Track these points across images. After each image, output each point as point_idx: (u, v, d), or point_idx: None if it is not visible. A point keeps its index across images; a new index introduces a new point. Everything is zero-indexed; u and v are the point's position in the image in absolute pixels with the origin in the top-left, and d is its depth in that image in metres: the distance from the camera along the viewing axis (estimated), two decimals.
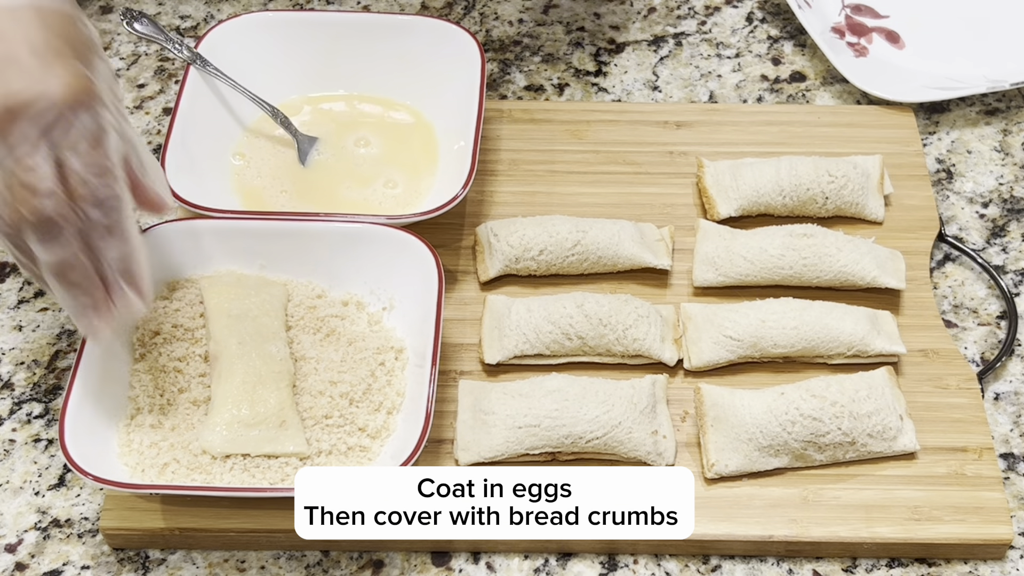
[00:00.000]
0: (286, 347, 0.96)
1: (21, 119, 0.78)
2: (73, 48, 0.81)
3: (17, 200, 0.80)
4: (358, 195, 1.10)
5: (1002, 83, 1.19)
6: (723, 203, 1.09)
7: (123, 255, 0.85)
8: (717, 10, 1.31)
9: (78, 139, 0.80)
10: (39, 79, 0.79)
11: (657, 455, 0.94)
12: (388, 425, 0.94)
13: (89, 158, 0.81)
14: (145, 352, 0.97)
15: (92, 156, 0.81)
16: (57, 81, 0.79)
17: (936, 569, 0.93)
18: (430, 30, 1.15)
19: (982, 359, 1.04)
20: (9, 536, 0.94)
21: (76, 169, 0.81)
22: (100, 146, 0.81)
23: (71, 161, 0.80)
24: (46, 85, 0.79)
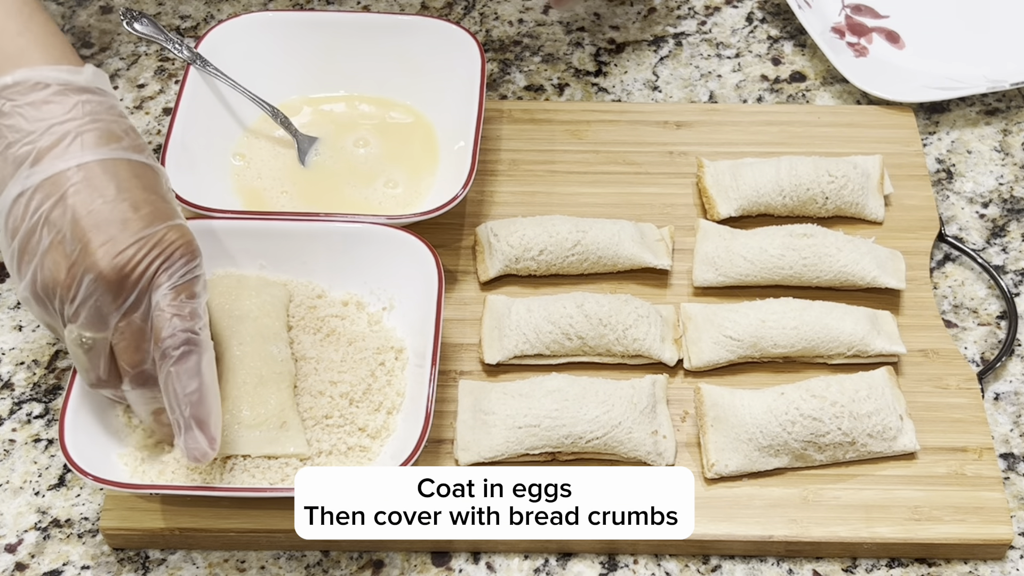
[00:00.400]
0: (287, 348, 0.96)
1: (135, 283, 0.80)
2: (167, 202, 0.83)
3: (123, 358, 0.82)
4: (358, 195, 1.10)
5: (1002, 83, 1.19)
6: (723, 203, 1.09)
7: (196, 398, 0.84)
8: (717, 10, 1.31)
9: (180, 287, 0.82)
10: (150, 243, 0.80)
11: (657, 455, 0.94)
12: (388, 425, 0.94)
13: (181, 306, 0.82)
14: None
15: (185, 305, 0.82)
16: (168, 240, 0.81)
17: (936, 569, 0.93)
18: (430, 30, 1.15)
19: (982, 359, 1.04)
20: (9, 536, 0.94)
21: (166, 312, 0.81)
22: (195, 296, 0.83)
23: (163, 302, 0.81)
24: (156, 245, 0.80)
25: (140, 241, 0.79)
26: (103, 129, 0.80)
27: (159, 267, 0.80)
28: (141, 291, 0.80)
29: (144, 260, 0.80)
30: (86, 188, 0.78)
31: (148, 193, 0.81)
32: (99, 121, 0.81)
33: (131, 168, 0.81)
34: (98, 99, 0.82)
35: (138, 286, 0.80)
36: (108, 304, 0.80)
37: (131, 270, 0.79)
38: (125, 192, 0.80)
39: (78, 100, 0.80)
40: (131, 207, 0.79)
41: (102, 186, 0.79)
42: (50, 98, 0.80)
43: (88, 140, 0.79)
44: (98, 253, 0.78)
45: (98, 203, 0.78)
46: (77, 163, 0.79)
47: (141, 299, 0.80)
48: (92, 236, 0.78)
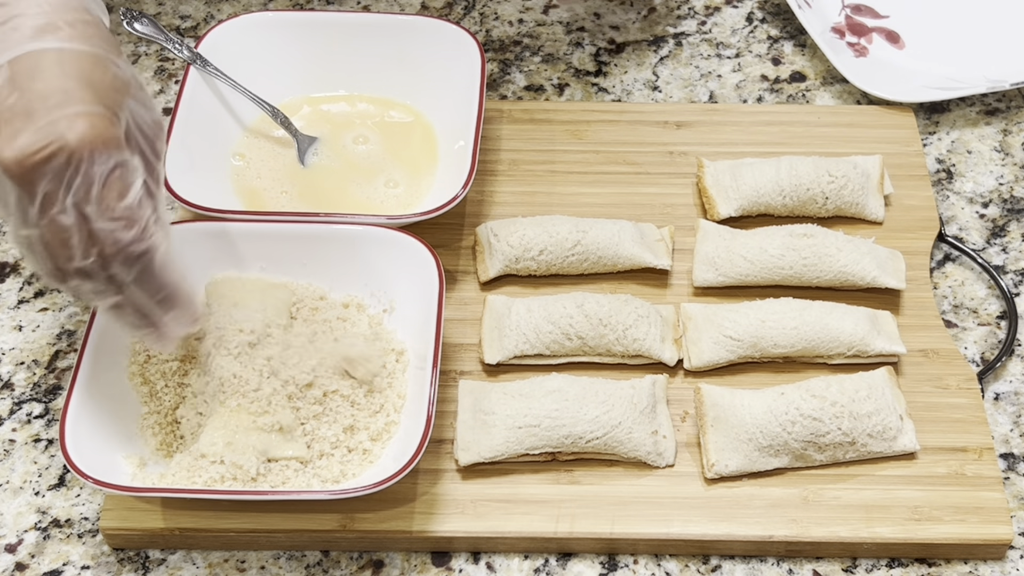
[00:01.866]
0: None
1: (39, 175, 0.76)
2: (96, 92, 0.78)
3: (54, 256, 0.79)
4: (359, 195, 1.10)
5: (1002, 83, 1.19)
6: (723, 203, 1.09)
7: (160, 298, 0.84)
8: (717, 10, 1.31)
9: (99, 189, 0.77)
10: (50, 130, 0.76)
11: (657, 455, 0.94)
12: (389, 428, 0.94)
13: (111, 210, 0.78)
14: (147, 353, 0.97)
15: (114, 207, 0.78)
16: (69, 128, 0.76)
17: (936, 569, 0.93)
18: (430, 30, 1.15)
19: (982, 359, 1.04)
20: (9, 536, 0.94)
21: (98, 223, 0.78)
22: (121, 194, 0.78)
23: (92, 213, 0.78)
24: (57, 133, 0.76)
25: (39, 131, 0.76)
26: (41, 23, 0.79)
27: (66, 157, 0.76)
28: (50, 183, 0.76)
29: (44, 149, 0.76)
30: (7, 83, 0.77)
31: (68, 81, 0.77)
32: (40, 15, 0.79)
33: (60, 57, 0.78)
34: None
35: (44, 178, 0.76)
36: (23, 198, 0.77)
37: (31, 160, 0.76)
38: (41, 82, 0.77)
39: None
40: (40, 97, 0.77)
41: (22, 79, 0.77)
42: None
43: (22, 34, 0.78)
44: (1, 144, 0.76)
45: (14, 97, 0.77)
46: (7, 59, 0.78)
47: (53, 193, 0.77)
48: (1, 129, 0.76)
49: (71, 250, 0.78)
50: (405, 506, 0.92)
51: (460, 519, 0.92)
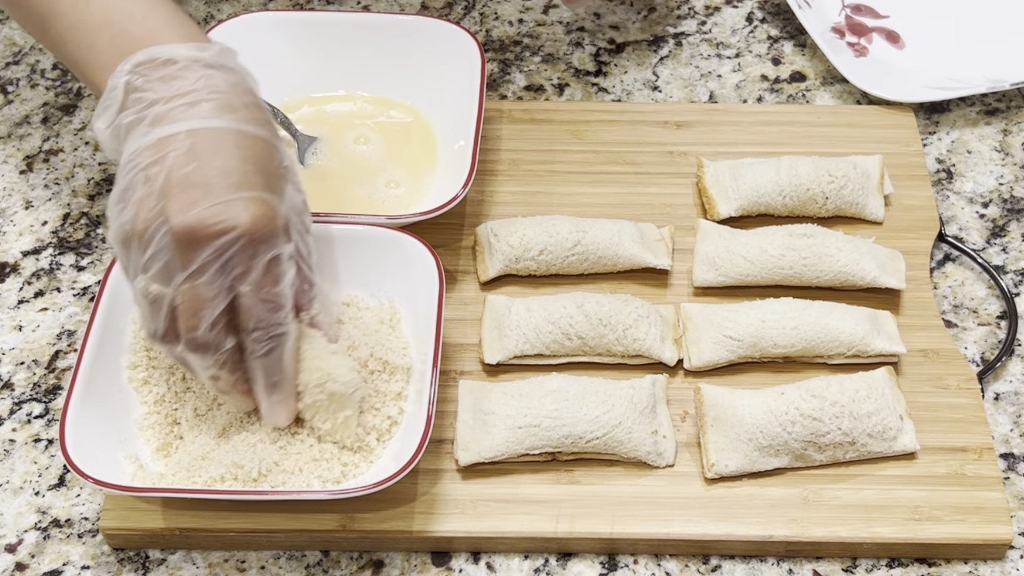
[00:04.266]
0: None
1: (203, 246, 0.80)
2: (266, 177, 0.83)
3: (181, 319, 0.83)
4: (359, 195, 1.10)
5: (1002, 83, 1.19)
6: (723, 203, 1.09)
7: (274, 380, 0.88)
8: (717, 10, 1.31)
9: (256, 271, 0.82)
10: (227, 209, 0.80)
11: (657, 455, 0.94)
12: (390, 427, 0.94)
13: (264, 292, 0.83)
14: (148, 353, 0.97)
15: (268, 292, 0.84)
16: (245, 213, 0.81)
17: (936, 569, 0.93)
18: (430, 30, 1.15)
19: (982, 359, 1.04)
20: (9, 536, 0.94)
21: (249, 300, 0.83)
22: (278, 282, 0.84)
23: (245, 292, 0.83)
24: (233, 216, 0.80)
25: (218, 206, 0.80)
26: (221, 101, 0.83)
27: (234, 239, 0.81)
28: (210, 257, 0.81)
29: (216, 226, 0.80)
30: (187, 152, 0.81)
31: (245, 163, 0.82)
32: (219, 93, 0.83)
33: (239, 139, 0.83)
34: (222, 74, 0.85)
35: (206, 249, 0.81)
36: (174, 261, 0.81)
37: (201, 231, 0.80)
38: (221, 159, 0.81)
39: (203, 74, 0.84)
40: (221, 174, 0.81)
41: (202, 151, 0.81)
42: (177, 73, 0.83)
43: (204, 109, 0.82)
44: (174, 210, 0.80)
45: (192, 166, 0.81)
46: (187, 128, 0.82)
47: (208, 266, 0.81)
48: (175, 193, 0.80)
49: (200, 321, 0.82)
50: (405, 506, 0.92)
51: (460, 519, 0.92)
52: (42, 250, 1.11)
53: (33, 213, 1.13)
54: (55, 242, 1.11)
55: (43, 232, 1.12)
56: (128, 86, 0.83)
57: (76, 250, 1.10)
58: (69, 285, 1.08)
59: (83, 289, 1.08)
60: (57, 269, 1.09)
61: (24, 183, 1.15)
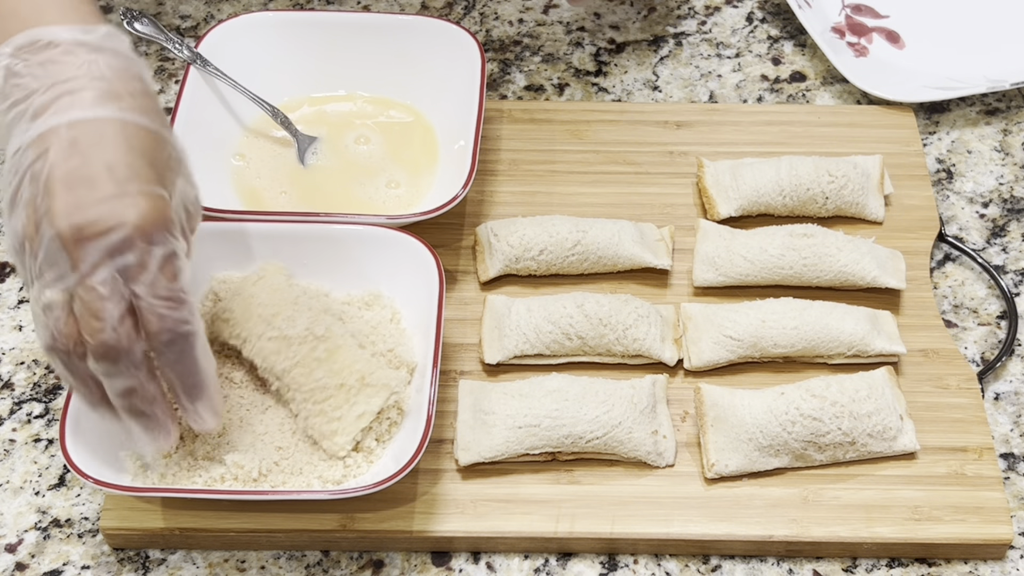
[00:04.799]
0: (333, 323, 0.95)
1: (92, 244, 0.76)
2: (155, 169, 0.79)
3: (82, 326, 0.78)
4: (359, 195, 1.10)
5: (1002, 83, 1.19)
6: (723, 203, 1.09)
7: (192, 383, 0.83)
8: (717, 10, 1.31)
9: (151, 269, 0.78)
10: (114, 204, 0.76)
11: (657, 455, 0.94)
12: (389, 428, 0.94)
13: (162, 289, 0.79)
14: None
15: (165, 287, 0.79)
16: (133, 208, 0.77)
17: (936, 569, 0.93)
18: (430, 30, 1.15)
19: (982, 359, 1.04)
20: (9, 536, 0.94)
21: (148, 300, 0.78)
22: (175, 277, 0.79)
23: (143, 292, 0.78)
24: (121, 211, 0.76)
25: (104, 203, 0.76)
26: (104, 88, 0.79)
27: (125, 237, 0.77)
28: (101, 256, 0.77)
29: (104, 224, 0.76)
30: (69, 146, 0.77)
31: (132, 156, 0.78)
32: (102, 80, 0.79)
33: (123, 129, 0.78)
34: (107, 59, 0.80)
35: (96, 249, 0.76)
36: (65, 265, 0.77)
37: (90, 233, 0.76)
38: (106, 152, 0.77)
39: (87, 59, 0.79)
40: (106, 168, 0.77)
41: (85, 145, 0.77)
42: (58, 57, 0.79)
43: (85, 98, 0.78)
44: (60, 211, 0.76)
45: (75, 162, 0.76)
46: (68, 120, 0.77)
47: (100, 265, 0.77)
48: (59, 193, 0.76)
49: (103, 321, 0.77)
50: (405, 506, 0.92)
51: (460, 519, 0.92)
52: None
53: None
54: None
55: None
56: (8, 71, 0.78)
57: None
58: None
59: None
60: None
61: None
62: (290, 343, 0.92)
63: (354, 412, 0.91)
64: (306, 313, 0.93)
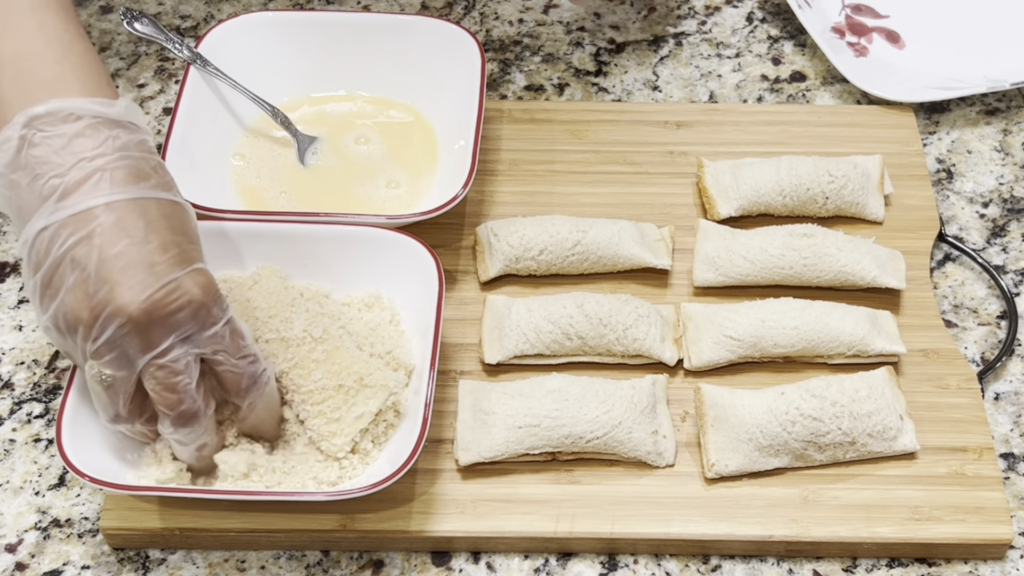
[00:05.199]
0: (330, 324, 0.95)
1: (163, 325, 0.80)
2: (194, 243, 0.83)
3: (159, 400, 0.83)
4: (359, 195, 1.10)
5: (1002, 83, 1.19)
6: (723, 203, 1.09)
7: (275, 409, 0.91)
8: (717, 10, 1.31)
9: (225, 338, 0.83)
10: (179, 286, 0.79)
11: (657, 455, 0.94)
12: (387, 429, 0.94)
13: (238, 351, 0.84)
14: None
15: (240, 348, 0.85)
16: (196, 287, 0.80)
17: (936, 569, 0.93)
18: (430, 30, 1.15)
19: (982, 359, 1.04)
20: (9, 536, 0.94)
21: (229, 364, 0.84)
22: (243, 335, 0.85)
23: (223, 358, 0.84)
24: (186, 290, 0.80)
25: (168, 286, 0.79)
26: (132, 167, 0.80)
27: (193, 314, 0.80)
28: (171, 336, 0.80)
29: (173, 305, 0.79)
30: (113, 227, 0.78)
31: (175, 235, 0.81)
32: (129, 158, 0.80)
33: (159, 208, 0.80)
34: (129, 134, 0.81)
35: (169, 331, 0.80)
36: (135, 347, 0.80)
37: (160, 315, 0.79)
38: (153, 233, 0.79)
39: (109, 135, 0.80)
40: (159, 249, 0.79)
41: (130, 226, 0.78)
42: (81, 131, 0.79)
43: (117, 177, 0.79)
44: (126, 296, 0.78)
45: (124, 244, 0.78)
46: (105, 201, 0.78)
47: (173, 344, 0.80)
48: (119, 278, 0.78)
49: (180, 394, 0.83)
50: (405, 506, 0.92)
51: (460, 519, 0.92)
52: None
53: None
54: None
55: None
56: (23, 140, 0.78)
57: None
58: None
59: None
60: None
61: None
62: (288, 345, 0.92)
63: (352, 413, 0.91)
64: (303, 315, 0.93)
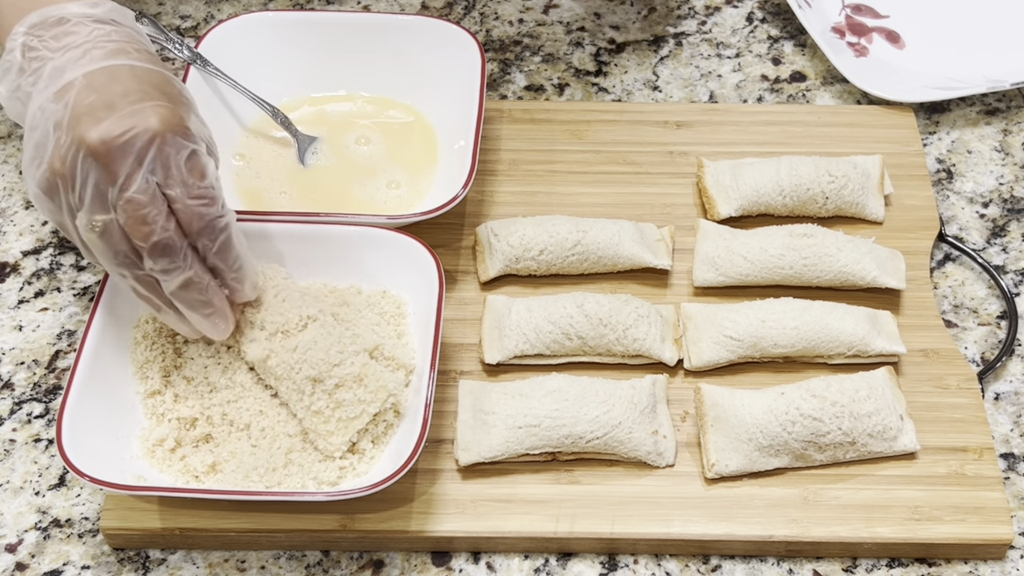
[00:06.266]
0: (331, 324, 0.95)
1: (120, 152, 0.82)
2: (167, 96, 0.85)
3: (134, 235, 0.84)
4: (360, 195, 1.10)
5: (1002, 83, 1.19)
6: (723, 203, 1.09)
7: (236, 266, 0.90)
8: (717, 10, 1.31)
9: (178, 167, 0.84)
10: (134, 116, 0.82)
11: (657, 455, 0.94)
12: (387, 429, 0.94)
13: (193, 189, 0.85)
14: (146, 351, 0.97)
15: (195, 187, 0.85)
16: (153, 116, 0.83)
17: (936, 569, 0.93)
18: (430, 30, 1.15)
19: (982, 359, 1.04)
20: (9, 536, 0.94)
21: (183, 202, 0.84)
22: (202, 174, 0.85)
23: (176, 194, 0.84)
24: (142, 121, 0.82)
25: (124, 115, 0.82)
26: (113, 47, 0.85)
27: (148, 140, 0.82)
28: (133, 164, 0.82)
29: (129, 132, 0.82)
30: (85, 88, 0.83)
31: (144, 85, 0.84)
32: (111, 42, 0.86)
33: (132, 70, 0.85)
34: (112, 27, 0.87)
35: (127, 158, 0.82)
36: (103, 181, 0.82)
37: (117, 142, 0.82)
38: (119, 84, 0.84)
39: (94, 28, 0.86)
40: (120, 94, 0.83)
41: (99, 84, 0.83)
42: (70, 29, 0.86)
43: (96, 54, 0.85)
44: (85, 131, 0.82)
45: (92, 97, 0.83)
46: (84, 72, 0.84)
47: (134, 172, 0.82)
48: (82, 119, 0.82)
49: (151, 225, 0.83)
50: (405, 506, 0.92)
51: (460, 519, 0.92)
52: (42, 250, 1.11)
53: (33, 213, 1.13)
54: (55, 242, 1.11)
55: (43, 232, 1.12)
56: (24, 47, 0.86)
57: (76, 250, 1.10)
58: (69, 285, 1.08)
59: (83, 289, 1.08)
60: (57, 269, 1.09)
61: (24, 183, 1.15)
62: (287, 345, 0.92)
63: (350, 413, 0.91)
64: (303, 313, 0.93)
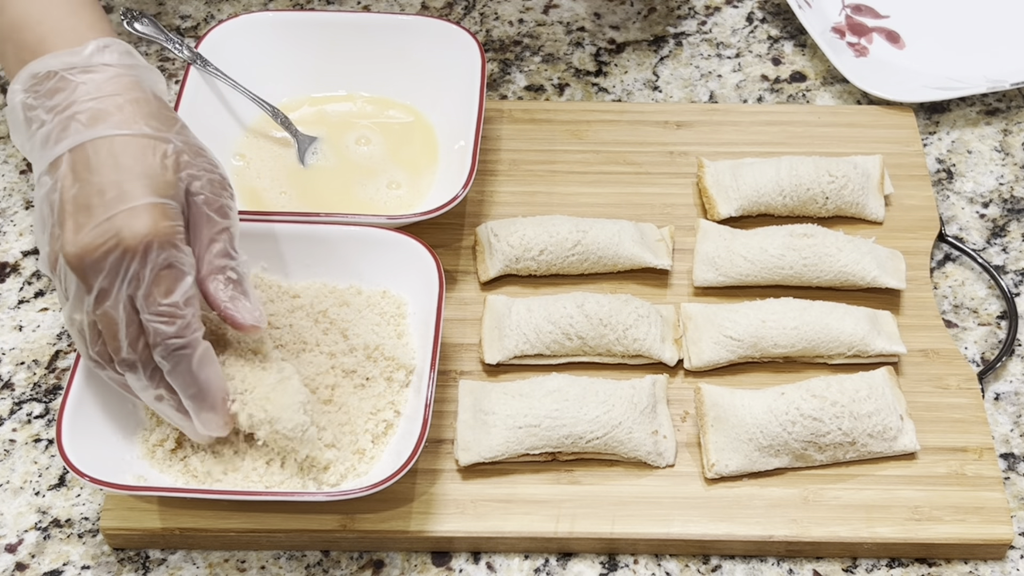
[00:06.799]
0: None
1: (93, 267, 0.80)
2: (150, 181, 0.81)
3: (107, 341, 0.83)
4: (360, 195, 1.10)
5: (1002, 83, 1.19)
6: (723, 203, 1.09)
7: (190, 393, 0.85)
8: (717, 10, 1.31)
9: (145, 284, 0.81)
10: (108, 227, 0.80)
11: (657, 455, 0.94)
12: (387, 429, 0.94)
13: (155, 306, 0.81)
14: None
15: (157, 303, 0.82)
16: (125, 228, 0.80)
17: (936, 569, 0.93)
18: (430, 30, 1.15)
19: (982, 359, 1.04)
20: (9, 536, 0.94)
21: (145, 316, 0.82)
22: (169, 292, 0.82)
23: (141, 307, 0.81)
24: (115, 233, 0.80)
25: (97, 228, 0.80)
26: (94, 110, 0.83)
27: (119, 256, 0.80)
28: (105, 279, 0.81)
29: (102, 247, 0.80)
30: (69, 173, 0.82)
31: (120, 174, 0.81)
32: (92, 100, 0.83)
33: (111, 146, 0.82)
34: (94, 77, 0.84)
35: (100, 274, 0.80)
36: (79, 289, 0.82)
37: (89, 256, 0.80)
38: (97, 175, 0.81)
39: (78, 83, 0.84)
40: (97, 192, 0.81)
41: (80, 170, 0.81)
42: (57, 85, 0.84)
43: (82, 120, 0.82)
44: (65, 239, 0.81)
45: (75, 189, 0.81)
46: (67, 147, 0.82)
47: (109, 288, 0.81)
48: (65, 221, 0.81)
49: (118, 342, 0.82)
50: (405, 506, 0.92)
51: (460, 519, 0.92)
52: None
53: (33, 213, 1.13)
54: None
55: None
56: (24, 106, 0.84)
57: None
58: None
59: None
60: None
61: (24, 183, 1.15)
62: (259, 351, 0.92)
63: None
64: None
